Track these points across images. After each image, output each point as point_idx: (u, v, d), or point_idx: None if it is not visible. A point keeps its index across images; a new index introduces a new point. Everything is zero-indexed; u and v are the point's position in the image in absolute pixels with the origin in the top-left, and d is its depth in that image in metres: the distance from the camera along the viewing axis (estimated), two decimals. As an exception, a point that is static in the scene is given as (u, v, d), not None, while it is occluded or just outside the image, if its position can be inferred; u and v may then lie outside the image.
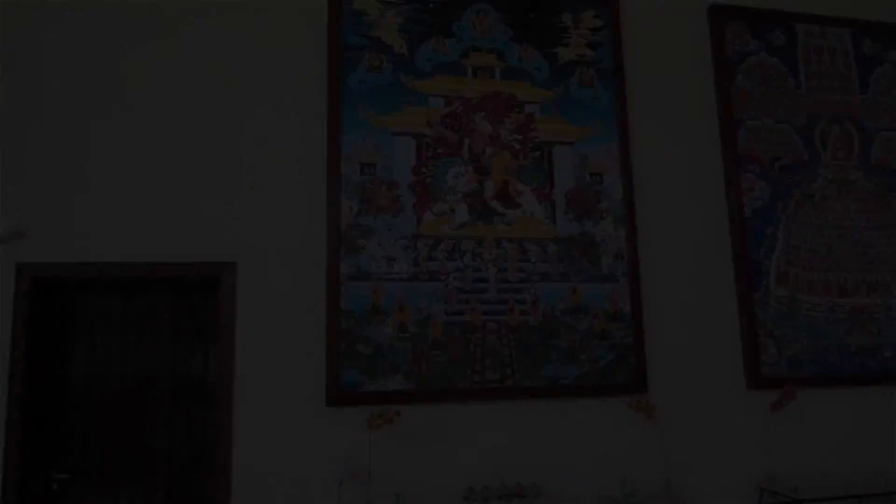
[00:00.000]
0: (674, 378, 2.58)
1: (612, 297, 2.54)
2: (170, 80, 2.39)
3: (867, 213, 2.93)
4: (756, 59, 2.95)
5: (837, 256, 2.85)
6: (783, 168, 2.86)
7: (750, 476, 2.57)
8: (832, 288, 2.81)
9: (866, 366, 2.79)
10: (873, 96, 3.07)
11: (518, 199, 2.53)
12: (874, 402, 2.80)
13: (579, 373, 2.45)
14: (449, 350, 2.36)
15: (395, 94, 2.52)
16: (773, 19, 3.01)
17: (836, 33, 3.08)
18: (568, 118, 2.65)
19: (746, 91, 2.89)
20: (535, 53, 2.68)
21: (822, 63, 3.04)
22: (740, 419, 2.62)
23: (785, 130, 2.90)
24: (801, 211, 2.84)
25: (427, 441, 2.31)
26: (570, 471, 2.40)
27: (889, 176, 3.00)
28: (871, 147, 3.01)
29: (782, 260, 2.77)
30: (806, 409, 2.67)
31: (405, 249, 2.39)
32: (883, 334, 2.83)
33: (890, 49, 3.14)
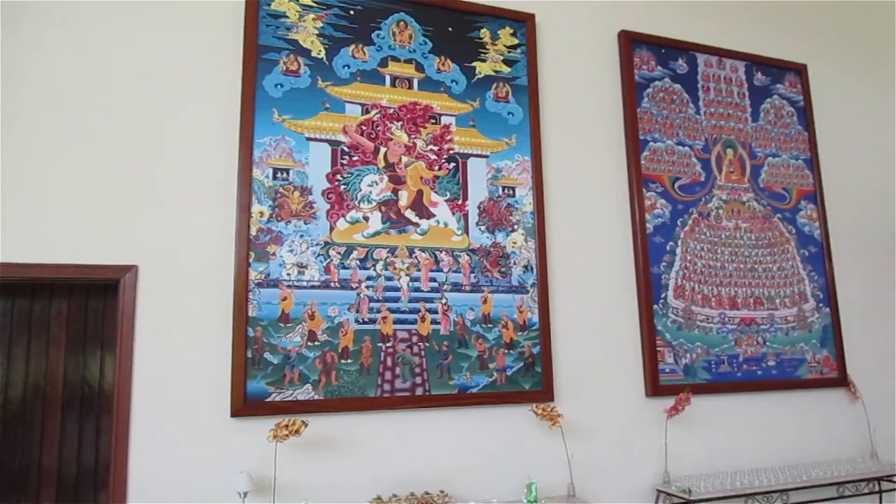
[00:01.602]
0: (578, 386, 2.73)
1: (522, 307, 2.66)
2: (72, 76, 2.31)
3: (756, 232, 3.22)
4: (661, 84, 3.19)
5: (729, 272, 3.11)
6: (682, 188, 3.10)
7: (648, 478, 2.76)
8: (724, 301, 3.06)
9: (753, 373, 3.06)
10: (763, 125, 3.38)
11: (432, 210, 2.61)
12: (760, 407, 3.07)
13: (488, 381, 2.55)
14: (359, 359, 2.40)
15: (311, 99, 2.55)
16: (677, 48, 3.27)
17: (732, 65, 3.38)
18: (483, 131, 2.77)
19: (651, 114, 3.12)
20: (453, 66, 2.78)
21: (720, 92, 3.32)
22: (640, 425, 2.81)
23: (685, 152, 3.15)
24: (698, 228, 3.08)
25: (335, 451, 2.34)
26: (478, 477, 2.49)
27: (775, 198, 3.31)
28: (761, 171, 3.32)
29: (680, 274, 2.99)
30: (699, 414, 2.91)
31: (317, 257, 2.42)
32: (768, 345, 3.12)
33: (777, 83, 3.47)
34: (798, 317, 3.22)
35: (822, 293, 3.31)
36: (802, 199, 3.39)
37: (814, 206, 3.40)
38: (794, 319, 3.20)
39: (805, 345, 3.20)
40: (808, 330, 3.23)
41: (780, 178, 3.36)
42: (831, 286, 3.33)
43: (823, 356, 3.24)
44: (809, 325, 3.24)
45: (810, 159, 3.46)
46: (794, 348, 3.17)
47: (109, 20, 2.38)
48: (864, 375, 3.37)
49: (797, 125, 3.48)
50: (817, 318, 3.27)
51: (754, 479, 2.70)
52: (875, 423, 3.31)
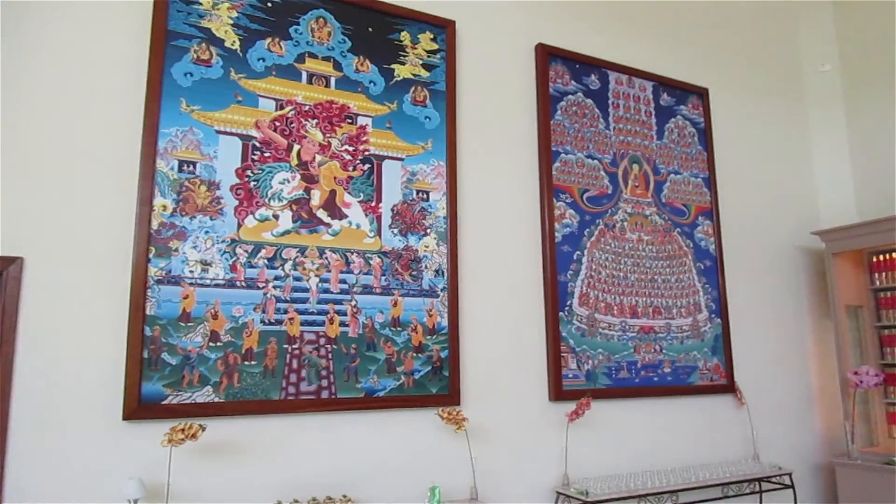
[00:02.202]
0: (485, 390, 2.80)
1: (432, 311, 2.70)
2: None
3: (657, 245, 3.42)
4: (574, 98, 3.33)
5: (631, 282, 3.29)
6: (590, 199, 3.25)
7: (549, 481, 2.87)
8: (625, 310, 3.23)
9: (650, 380, 3.24)
10: (667, 143, 3.60)
11: (345, 210, 2.61)
12: (656, 412, 3.26)
13: (395, 385, 2.57)
14: (264, 361, 2.36)
15: (223, 90, 2.49)
16: (591, 65, 3.42)
17: (640, 84, 3.58)
18: (399, 134, 2.80)
19: (564, 126, 3.25)
20: (372, 67, 2.80)
21: (629, 109, 3.50)
22: (543, 429, 2.92)
23: (594, 165, 3.30)
24: (604, 239, 3.24)
25: (236, 456, 2.29)
26: (383, 481, 2.51)
27: (676, 213, 3.53)
28: (663, 187, 3.52)
29: (585, 283, 3.13)
30: (599, 418, 3.06)
31: (222, 254, 2.36)
32: (664, 352, 3.31)
33: (681, 104, 3.71)
34: (692, 326, 3.44)
35: (714, 304, 3.55)
36: (700, 215, 3.63)
37: (710, 222, 3.65)
38: (689, 329, 3.42)
39: (698, 353, 3.43)
40: (701, 339, 3.46)
41: (681, 194, 3.58)
42: (723, 298, 3.59)
43: (714, 364, 3.48)
44: (702, 335, 3.47)
45: (708, 178, 3.71)
46: (688, 356, 3.39)
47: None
48: (749, 382, 3.64)
49: (698, 145, 3.72)
50: (710, 328, 3.51)
51: (647, 481, 2.86)
52: (757, 428, 3.58)
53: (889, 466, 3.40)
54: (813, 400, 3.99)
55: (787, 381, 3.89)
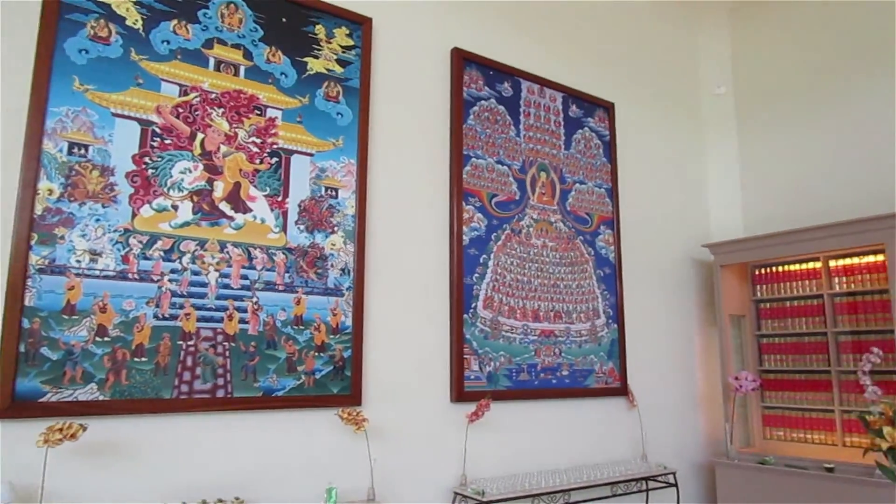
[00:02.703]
0: (387, 390, 2.82)
1: (336, 310, 2.70)
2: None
3: (560, 252, 3.56)
4: (487, 104, 3.41)
5: (535, 286, 3.41)
6: (499, 204, 3.34)
7: (448, 481, 2.92)
8: (528, 313, 3.35)
9: (549, 382, 3.37)
10: (573, 154, 3.75)
11: (250, 204, 2.56)
12: (553, 414, 3.40)
13: (295, 384, 2.55)
14: (155, 357, 2.28)
15: (122, 71, 2.38)
16: (505, 72, 3.52)
17: (551, 95, 3.71)
18: (310, 129, 2.77)
19: (476, 131, 3.32)
20: (284, 59, 2.75)
21: (539, 118, 3.63)
22: (444, 430, 2.97)
23: (503, 171, 3.40)
24: (510, 244, 3.34)
25: (122, 457, 2.19)
26: (279, 483, 2.48)
27: (579, 222, 3.69)
28: (569, 196, 3.68)
29: (490, 286, 3.22)
30: (499, 419, 3.15)
31: (114, 244, 2.26)
32: (563, 356, 3.46)
33: (589, 117, 3.88)
34: (591, 331, 3.60)
35: (612, 310, 3.74)
36: (602, 224, 3.81)
37: (611, 231, 3.84)
38: (587, 333, 3.59)
39: (595, 357, 3.60)
40: (598, 343, 3.63)
41: (585, 203, 3.75)
42: (620, 304, 3.78)
43: (609, 367, 3.67)
44: (599, 339, 3.64)
45: (611, 189, 3.91)
46: (586, 360, 3.55)
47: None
48: (641, 386, 3.86)
49: (602, 157, 3.91)
50: (607, 332, 3.69)
51: (542, 481, 2.97)
52: (647, 429, 3.80)
53: (762, 466, 3.70)
54: (698, 403, 4.28)
55: (675, 385, 4.16)
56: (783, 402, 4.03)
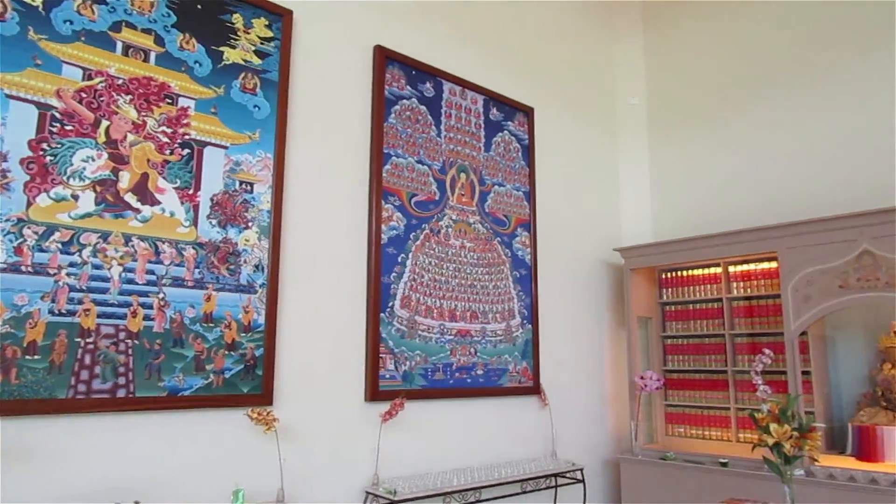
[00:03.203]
0: (300, 390, 2.79)
1: (248, 307, 2.65)
2: None
3: (478, 252, 3.63)
4: (408, 103, 3.43)
5: (452, 286, 3.46)
6: (418, 204, 3.37)
7: (360, 481, 2.93)
8: (445, 313, 3.39)
9: (463, 381, 3.43)
10: (493, 156, 3.83)
11: (158, 196, 2.48)
12: (468, 413, 3.46)
13: (203, 384, 2.48)
14: (50, 355, 2.16)
15: (17, 50, 2.24)
16: (427, 72, 3.55)
17: (472, 97, 3.78)
18: (225, 121, 2.70)
19: (397, 130, 3.34)
20: (199, 47, 2.68)
21: (460, 119, 3.68)
22: (358, 429, 2.97)
23: (423, 171, 3.43)
24: (428, 244, 3.38)
25: (10, 462, 2.07)
26: (184, 486, 2.40)
27: (497, 223, 3.78)
28: (487, 197, 3.75)
29: (408, 285, 3.24)
30: (414, 419, 3.18)
31: (6, 235, 2.13)
32: (479, 355, 3.53)
33: (509, 120, 3.97)
34: (506, 331, 3.69)
35: (527, 311, 3.85)
36: (519, 226, 3.91)
37: (527, 233, 3.95)
38: (503, 333, 3.67)
39: (509, 356, 3.69)
40: (512, 343, 3.72)
41: (503, 205, 3.84)
42: (535, 305, 3.90)
43: (523, 367, 3.77)
44: (514, 339, 3.74)
45: (529, 192, 4.01)
46: (500, 359, 3.64)
47: None
48: (553, 385, 3.99)
49: (521, 160, 4.01)
50: (521, 333, 3.79)
51: (453, 479, 3.03)
52: (557, 427, 3.94)
53: (663, 461, 3.90)
54: (606, 401, 4.47)
55: (585, 384, 4.32)
56: (684, 400, 4.27)
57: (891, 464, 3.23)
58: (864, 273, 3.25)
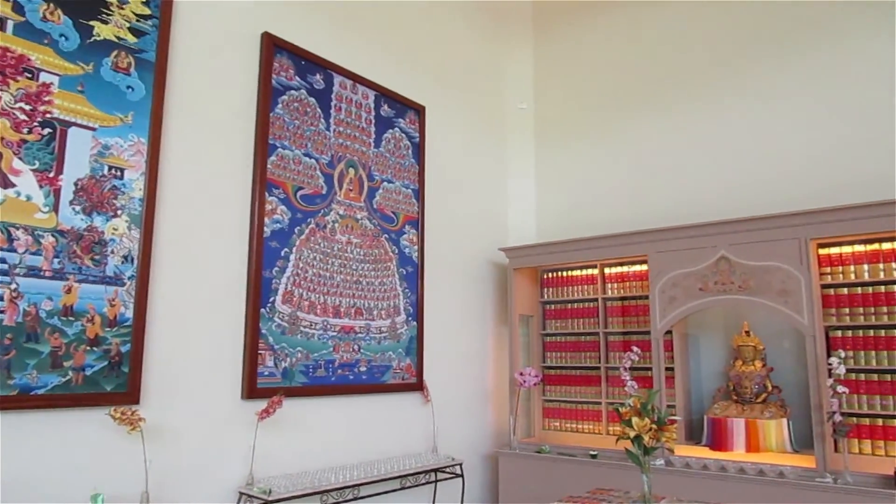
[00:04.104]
0: (172, 388, 2.67)
1: (115, 300, 2.50)
2: None
3: (365, 249, 3.62)
4: (297, 94, 3.36)
5: (337, 282, 3.43)
6: (304, 197, 3.31)
7: (235, 481, 2.84)
8: (328, 309, 3.36)
9: (346, 378, 3.42)
10: (383, 152, 3.84)
11: (13, 178, 2.28)
12: (350, 410, 3.45)
13: (61, 381, 2.32)
14: None
15: None
16: (318, 64, 3.49)
17: (364, 92, 3.76)
18: (93, 101, 2.53)
19: (284, 121, 3.27)
20: (65, 19, 2.49)
21: (350, 114, 3.66)
22: (233, 428, 2.88)
23: (311, 164, 3.38)
24: (313, 238, 3.33)
25: None
26: (37, 492, 2.23)
27: (385, 220, 3.79)
28: (376, 194, 3.75)
29: (291, 280, 3.19)
30: (294, 416, 3.13)
31: None
32: (362, 352, 3.52)
33: (400, 117, 3.99)
34: (390, 328, 3.71)
35: (412, 308, 3.89)
36: (407, 223, 3.94)
37: (415, 231, 3.99)
38: (387, 330, 3.69)
39: (393, 353, 3.71)
40: (397, 340, 3.75)
41: (392, 202, 3.85)
42: (420, 302, 3.94)
43: (406, 364, 3.81)
44: (399, 336, 3.77)
45: (418, 190, 4.06)
46: (384, 356, 3.65)
47: None
48: (437, 381, 4.06)
49: (411, 158, 4.04)
50: (406, 329, 3.82)
51: (331, 477, 3.01)
52: (440, 423, 4.01)
53: (539, 454, 4.07)
54: (488, 397, 4.60)
55: (469, 381, 4.43)
56: (561, 395, 4.47)
57: (738, 452, 3.55)
58: (721, 277, 3.55)
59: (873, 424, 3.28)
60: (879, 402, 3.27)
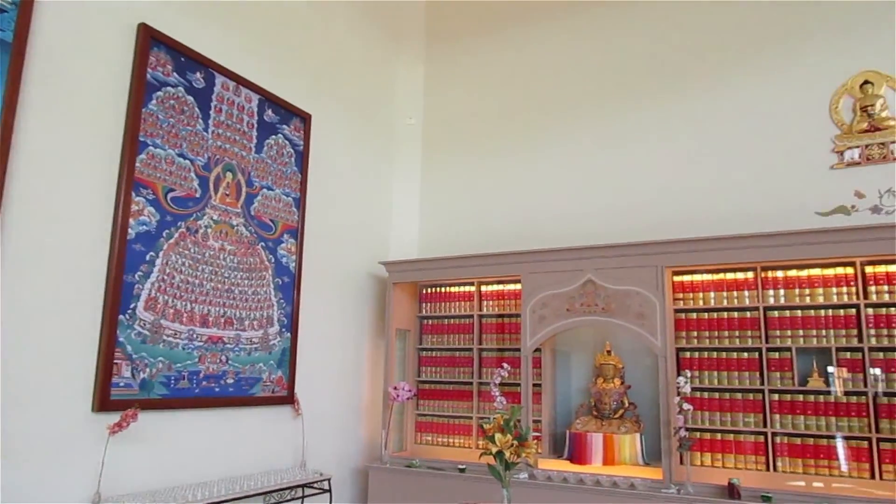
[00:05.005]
0: (9, 402, 2.43)
1: (-54, 301, 2.26)
2: None
3: (239, 256, 3.50)
4: (174, 91, 3.21)
5: (206, 290, 3.29)
6: (175, 200, 3.16)
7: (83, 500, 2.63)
8: (196, 318, 3.21)
9: (211, 390, 3.27)
10: (264, 158, 3.74)
11: None
12: (215, 423, 3.30)
13: None
14: None
15: None
16: (199, 62, 3.35)
17: (247, 95, 3.66)
18: (-66, 79, 2.29)
19: (157, 118, 3.10)
20: None
21: (231, 116, 3.54)
22: (81, 443, 2.67)
23: (185, 165, 3.23)
24: (183, 243, 3.18)
25: None
26: None
27: (263, 228, 3.68)
28: (254, 200, 3.64)
29: (155, 286, 3.02)
30: (153, 430, 2.95)
31: None
32: (230, 363, 3.39)
33: (284, 124, 3.91)
34: (262, 339, 3.60)
35: (286, 319, 3.80)
36: (286, 232, 3.85)
37: (294, 240, 3.91)
38: (259, 341, 3.58)
39: (264, 365, 3.60)
40: (268, 352, 3.64)
41: (271, 210, 3.76)
42: (295, 314, 3.86)
43: (278, 376, 3.70)
44: (271, 348, 3.66)
45: (299, 199, 3.98)
46: (254, 368, 3.54)
47: None
48: (310, 395, 3.98)
49: (294, 166, 3.97)
50: (279, 341, 3.73)
51: (190, 494, 2.86)
52: (311, 437, 3.93)
53: (409, 468, 4.09)
54: (362, 411, 4.57)
55: (342, 394, 4.38)
56: (434, 409, 4.53)
57: (596, 465, 3.75)
58: (586, 299, 3.76)
59: (713, 439, 3.58)
60: (720, 418, 3.58)
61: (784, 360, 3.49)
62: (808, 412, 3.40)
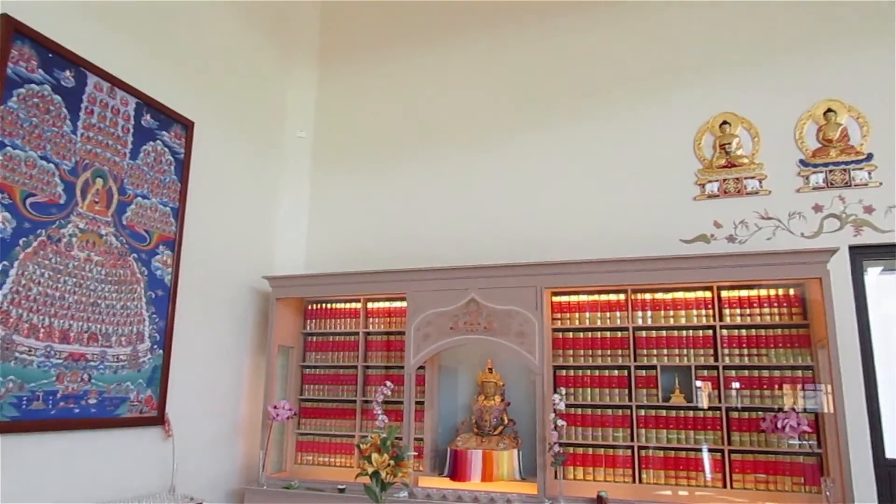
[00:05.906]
0: None
1: None
2: None
3: (108, 268, 3.30)
4: (39, 89, 2.99)
5: (68, 303, 3.07)
6: (35, 206, 2.93)
7: None
8: (54, 333, 2.99)
9: (70, 411, 3.05)
10: (140, 165, 3.55)
11: None
12: (74, 447, 3.07)
13: None
14: None
15: None
16: (69, 60, 3.15)
17: (123, 98, 3.47)
18: None
19: (18, 117, 2.88)
20: None
21: (104, 119, 3.34)
22: None
23: (48, 169, 3.01)
24: (43, 252, 2.95)
25: None
26: None
27: (136, 238, 3.49)
28: (127, 209, 3.45)
29: (9, 299, 2.78)
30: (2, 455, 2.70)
31: None
32: (93, 382, 3.17)
33: (164, 130, 3.74)
34: (131, 356, 3.40)
35: (159, 335, 3.60)
36: (161, 243, 3.67)
37: (171, 252, 3.73)
38: (127, 358, 3.37)
39: (132, 384, 3.40)
40: (138, 370, 3.44)
41: (146, 220, 3.57)
42: (169, 329, 3.67)
43: (147, 395, 3.50)
44: (140, 365, 3.46)
45: (178, 209, 3.81)
46: (120, 387, 3.33)
47: None
48: (184, 415, 3.79)
49: (173, 174, 3.80)
50: (150, 358, 3.53)
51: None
52: (184, 459, 3.73)
53: (287, 490, 3.98)
54: (240, 431, 4.40)
55: (220, 413, 4.20)
56: (316, 428, 4.44)
57: (475, 482, 3.81)
58: (469, 318, 3.84)
59: (585, 453, 3.75)
60: (591, 433, 3.75)
61: (650, 377, 3.72)
62: (671, 426, 3.64)
